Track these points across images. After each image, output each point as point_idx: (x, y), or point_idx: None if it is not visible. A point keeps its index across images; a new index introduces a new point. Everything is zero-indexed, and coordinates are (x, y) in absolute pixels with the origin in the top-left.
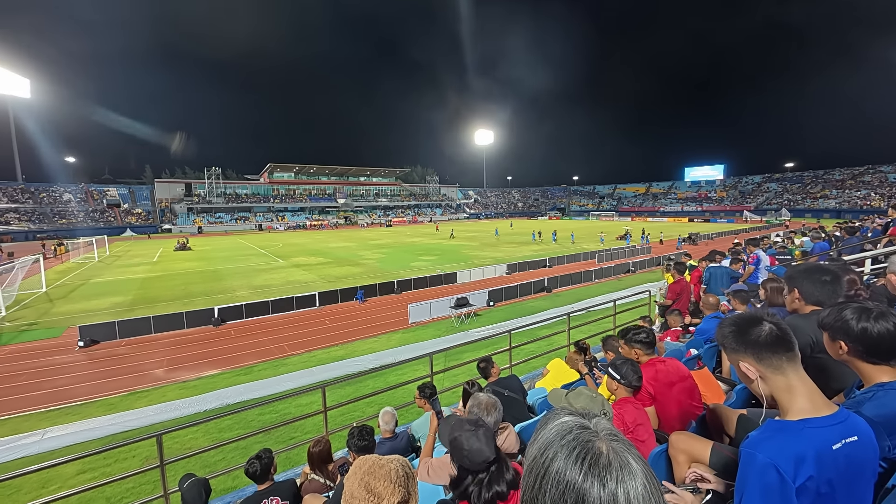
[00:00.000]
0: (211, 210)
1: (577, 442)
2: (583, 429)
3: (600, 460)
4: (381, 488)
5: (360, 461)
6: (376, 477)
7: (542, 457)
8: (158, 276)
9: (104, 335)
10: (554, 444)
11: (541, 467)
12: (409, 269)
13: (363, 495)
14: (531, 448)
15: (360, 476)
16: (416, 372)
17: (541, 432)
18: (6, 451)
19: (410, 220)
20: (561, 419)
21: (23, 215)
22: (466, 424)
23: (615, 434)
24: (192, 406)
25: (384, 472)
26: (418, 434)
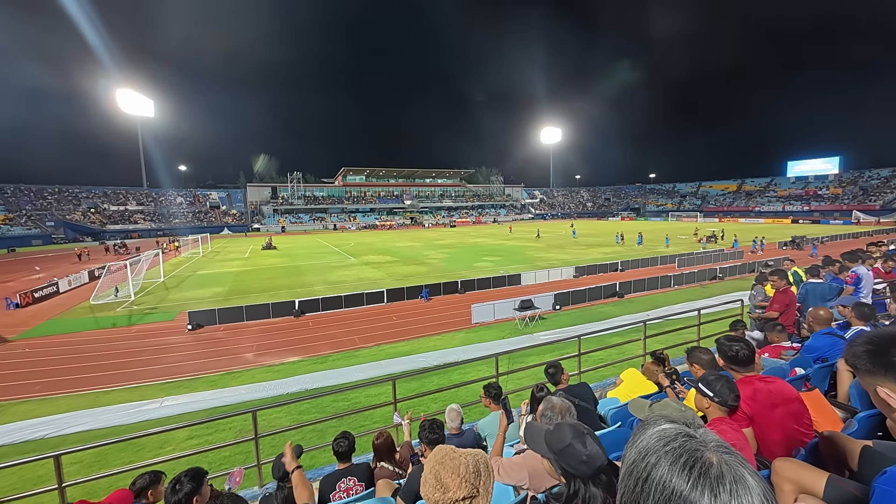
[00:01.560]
0: (292, 211)
1: (684, 450)
2: (688, 437)
3: (711, 471)
4: (449, 480)
5: (437, 449)
6: (446, 468)
7: (643, 462)
8: (249, 271)
9: (207, 320)
10: (655, 450)
11: (641, 472)
12: (473, 270)
13: (432, 483)
14: (629, 452)
15: (432, 464)
16: (479, 372)
17: (639, 437)
18: (133, 414)
19: (474, 221)
20: (661, 426)
21: (146, 216)
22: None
23: (727, 447)
24: (277, 388)
25: (454, 465)
26: (484, 433)
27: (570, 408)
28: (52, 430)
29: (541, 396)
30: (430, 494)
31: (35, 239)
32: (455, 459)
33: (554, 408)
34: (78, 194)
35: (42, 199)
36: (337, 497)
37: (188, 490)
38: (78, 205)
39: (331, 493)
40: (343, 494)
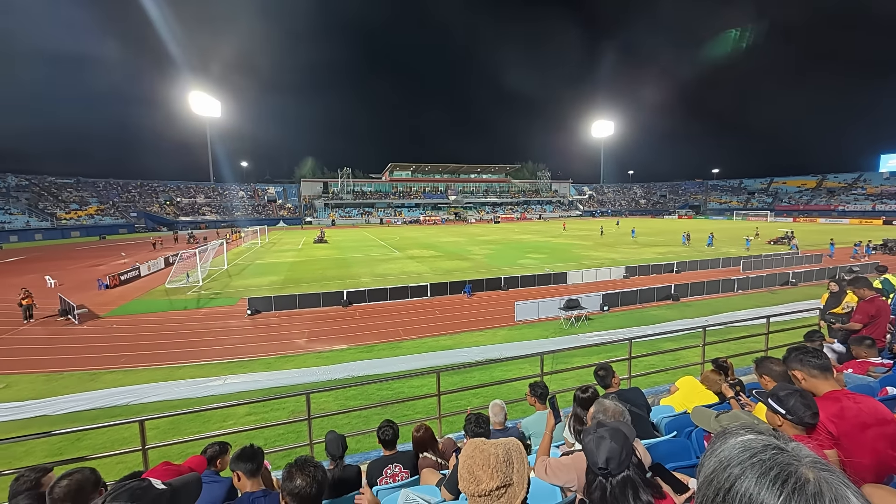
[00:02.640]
0: (342, 205)
1: (774, 463)
2: (779, 450)
3: (807, 488)
4: (480, 472)
5: (469, 444)
6: (476, 461)
7: (725, 472)
8: (302, 261)
9: (264, 307)
10: (740, 461)
11: (722, 482)
12: (517, 267)
13: (466, 476)
14: (708, 461)
15: (464, 458)
16: (522, 370)
17: (719, 447)
18: (201, 388)
19: (519, 217)
20: (744, 436)
21: (213, 208)
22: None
23: (825, 464)
24: (326, 374)
25: (483, 457)
26: (529, 431)
27: (624, 412)
28: (134, 399)
29: (584, 398)
30: (465, 488)
31: (121, 228)
32: (485, 451)
33: (606, 411)
34: (156, 188)
35: (127, 192)
36: (383, 482)
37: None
38: (156, 197)
39: (377, 478)
40: (389, 480)
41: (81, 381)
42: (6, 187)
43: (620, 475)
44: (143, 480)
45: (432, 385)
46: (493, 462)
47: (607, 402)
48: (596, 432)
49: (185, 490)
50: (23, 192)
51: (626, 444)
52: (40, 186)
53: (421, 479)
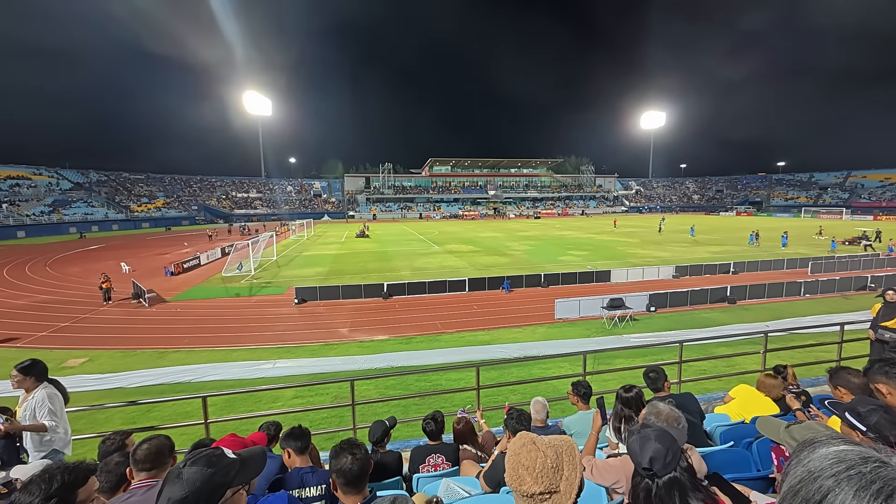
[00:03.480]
0: (383, 200)
1: (877, 477)
2: (882, 464)
3: None
4: (525, 473)
5: (519, 436)
6: (522, 461)
7: (815, 483)
8: (345, 254)
9: (310, 296)
10: (834, 473)
11: (812, 494)
12: (557, 264)
13: (510, 473)
14: (794, 470)
15: (513, 450)
16: (562, 369)
17: (807, 456)
18: (253, 371)
19: (560, 213)
20: (836, 446)
21: (264, 202)
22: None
23: None
24: (367, 363)
25: (531, 459)
26: (570, 430)
27: (680, 418)
28: (196, 377)
29: (627, 397)
30: (509, 483)
31: (184, 220)
32: (533, 452)
33: (659, 414)
34: (214, 183)
35: (189, 186)
36: (425, 469)
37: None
38: (214, 192)
39: (420, 465)
40: (430, 468)
41: (151, 358)
42: (89, 182)
43: (667, 476)
44: (217, 449)
45: (470, 379)
46: (539, 467)
47: (661, 406)
48: (641, 433)
49: (252, 461)
50: (102, 186)
51: (672, 446)
52: (117, 182)
53: (461, 470)
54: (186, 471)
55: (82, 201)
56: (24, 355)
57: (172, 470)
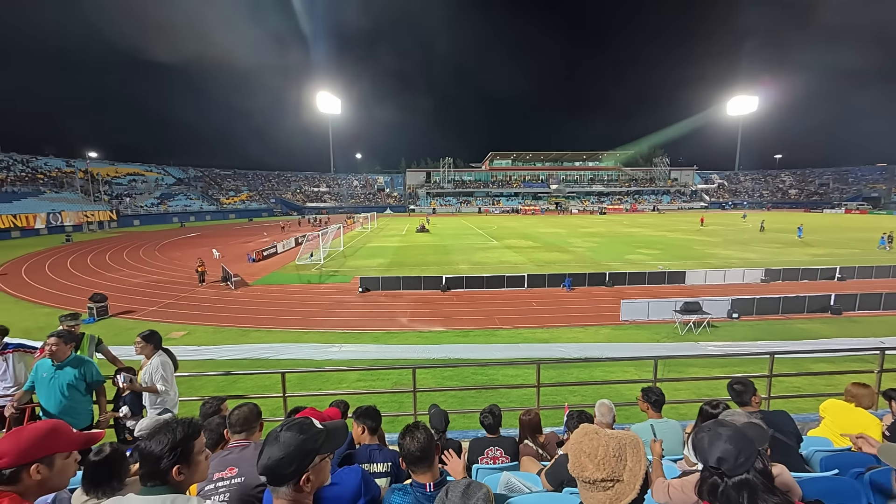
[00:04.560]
0: (443, 194)
1: None
2: None
3: None
4: (586, 459)
5: (583, 427)
6: (583, 447)
7: None
8: (405, 246)
9: (373, 286)
10: None
11: None
12: (624, 262)
13: (572, 459)
14: None
15: (574, 441)
16: (626, 373)
17: None
18: (321, 352)
19: (629, 208)
20: None
21: (332, 196)
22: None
23: None
24: (425, 353)
25: (593, 446)
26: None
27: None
28: (273, 354)
29: (714, 414)
30: (572, 470)
31: (264, 212)
32: (595, 440)
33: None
34: (289, 178)
35: (268, 181)
36: (483, 461)
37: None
38: (289, 186)
39: (478, 457)
40: (489, 461)
41: (237, 335)
42: (188, 178)
43: (738, 478)
44: (308, 418)
45: (528, 376)
46: (601, 453)
47: (739, 417)
48: (711, 430)
49: (336, 433)
50: (198, 181)
51: (745, 448)
52: (209, 177)
53: (521, 466)
54: (283, 435)
55: (183, 195)
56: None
57: (271, 433)
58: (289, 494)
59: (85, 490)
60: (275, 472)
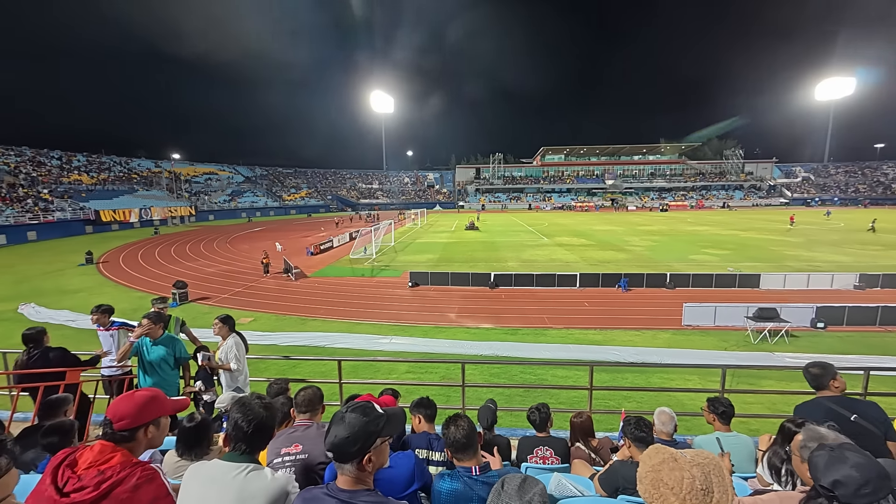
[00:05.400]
0: (492, 190)
1: None
2: None
3: None
4: (668, 492)
5: (655, 450)
6: (664, 476)
7: None
8: (454, 242)
9: (422, 281)
10: None
11: None
12: (687, 263)
13: (650, 490)
14: None
15: (652, 464)
16: (688, 382)
17: None
18: (372, 343)
19: (694, 205)
20: None
21: (384, 193)
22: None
23: None
24: (472, 349)
25: (675, 478)
26: None
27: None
28: (328, 342)
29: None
30: (649, 499)
31: (321, 208)
32: (677, 471)
33: (824, 439)
34: (344, 175)
35: (325, 179)
36: (532, 460)
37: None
38: (344, 183)
39: (528, 456)
40: (539, 461)
41: (296, 323)
42: (255, 176)
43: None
44: (369, 402)
45: (578, 378)
46: (686, 486)
47: (823, 430)
48: (836, 451)
49: (396, 418)
50: (264, 179)
51: (875, 481)
52: (273, 175)
53: (572, 469)
54: (348, 416)
55: (250, 192)
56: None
57: (337, 413)
58: (352, 472)
59: (179, 452)
60: (341, 450)
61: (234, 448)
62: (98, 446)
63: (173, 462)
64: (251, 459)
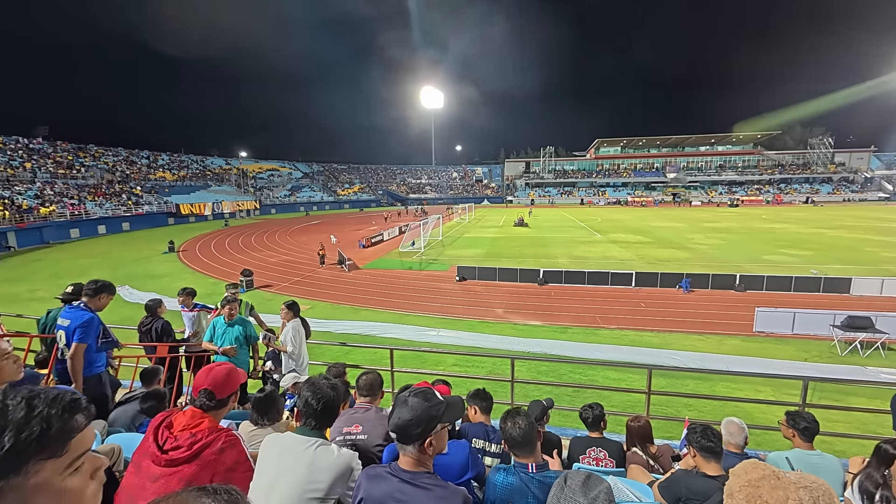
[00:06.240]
0: (542, 185)
1: None
2: None
3: None
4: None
5: (752, 465)
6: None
7: None
8: (502, 238)
9: (469, 275)
10: None
11: None
12: (761, 264)
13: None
14: None
15: (747, 480)
16: (759, 393)
17: None
18: (420, 334)
19: (771, 200)
20: None
21: (433, 187)
22: None
23: None
24: (520, 345)
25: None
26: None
27: None
28: (379, 332)
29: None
30: None
31: (372, 202)
32: (781, 489)
33: None
34: (394, 171)
35: (377, 174)
36: (585, 461)
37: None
38: (394, 178)
39: (580, 456)
40: (592, 462)
41: (349, 312)
42: (312, 172)
43: None
44: (430, 388)
45: (633, 381)
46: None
47: None
48: None
49: (455, 406)
50: (320, 175)
51: None
52: (328, 171)
53: (628, 474)
54: (411, 399)
55: (308, 187)
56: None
57: (399, 397)
58: (414, 454)
59: (253, 420)
60: (404, 431)
61: (305, 423)
62: (190, 412)
63: (248, 430)
64: (319, 435)
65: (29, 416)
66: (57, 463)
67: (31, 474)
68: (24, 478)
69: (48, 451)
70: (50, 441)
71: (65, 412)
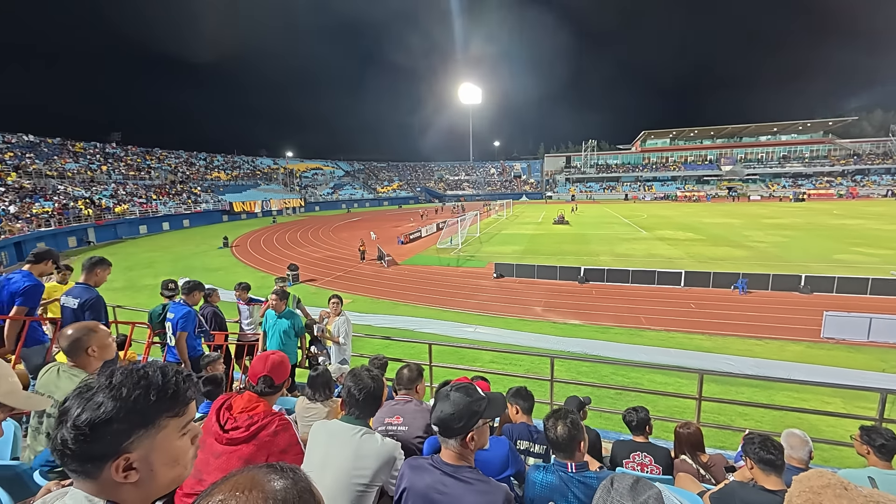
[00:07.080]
0: (584, 180)
1: None
2: None
3: None
4: None
5: (819, 473)
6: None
7: None
8: (541, 234)
9: (507, 272)
10: None
11: None
12: (831, 263)
13: None
14: None
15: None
16: (827, 405)
17: None
18: (457, 330)
19: (845, 194)
20: None
21: (471, 184)
22: None
23: None
24: (559, 344)
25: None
26: None
27: None
28: (417, 327)
29: None
30: None
31: (411, 199)
32: (847, 499)
33: None
34: (432, 168)
35: (415, 172)
36: (629, 466)
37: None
38: (432, 175)
39: (623, 460)
40: (636, 466)
41: (388, 306)
42: (353, 170)
43: None
44: (471, 384)
45: (680, 386)
46: None
47: None
48: None
49: (496, 402)
50: (361, 173)
51: None
52: (368, 169)
53: (676, 482)
54: (453, 394)
55: (349, 185)
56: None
57: (441, 391)
58: (456, 447)
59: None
60: (446, 425)
61: (349, 412)
62: (246, 395)
63: (304, 405)
64: (364, 423)
65: (165, 380)
66: (177, 422)
67: (161, 427)
68: (156, 430)
69: (175, 408)
70: (177, 402)
71: (186, 381)
